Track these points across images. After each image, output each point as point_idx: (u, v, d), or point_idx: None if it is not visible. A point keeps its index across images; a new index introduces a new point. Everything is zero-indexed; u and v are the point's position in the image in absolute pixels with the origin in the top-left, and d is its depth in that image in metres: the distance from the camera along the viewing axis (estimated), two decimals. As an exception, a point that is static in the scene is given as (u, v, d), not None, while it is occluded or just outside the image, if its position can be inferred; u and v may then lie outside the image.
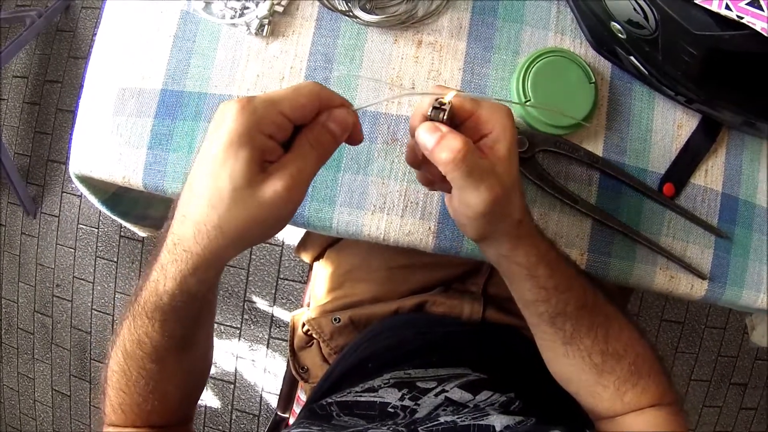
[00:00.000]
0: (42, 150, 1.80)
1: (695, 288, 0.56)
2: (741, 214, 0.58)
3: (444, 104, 0.37)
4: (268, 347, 1.65)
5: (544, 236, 0.44)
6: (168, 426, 0.48)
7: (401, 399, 0.51)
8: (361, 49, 0.54)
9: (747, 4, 0.34)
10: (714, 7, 0.35)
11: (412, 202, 0.53)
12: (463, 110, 0.38)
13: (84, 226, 1.76)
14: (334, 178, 0.53)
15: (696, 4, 0.36)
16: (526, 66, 0.52)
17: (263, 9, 0.52)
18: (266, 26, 0.54)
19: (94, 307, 1.76)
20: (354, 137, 0.40)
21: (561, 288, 0.43)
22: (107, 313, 1.75)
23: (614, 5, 0.45)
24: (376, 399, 0.51)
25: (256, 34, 0.54)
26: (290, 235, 1.62)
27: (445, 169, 0.36)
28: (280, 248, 1.63)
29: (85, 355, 1.77)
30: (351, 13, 0.52)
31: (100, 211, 1.75)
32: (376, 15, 0.53)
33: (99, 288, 1.75)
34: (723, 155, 0.58)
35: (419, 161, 0.42)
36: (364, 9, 0.52)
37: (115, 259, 1.74)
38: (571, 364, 0.46)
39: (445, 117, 0.37)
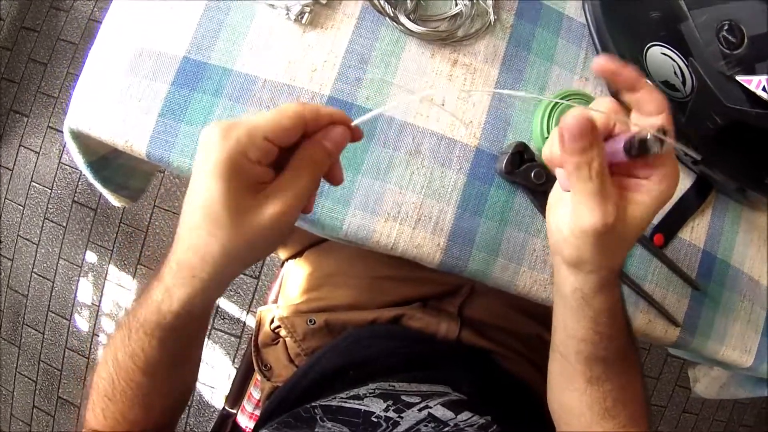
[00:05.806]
0: (6, 98, 1.69)
1: (669, 333, 0.59)
2: (716, 271, 0.61)
3: (662, 132, 0.30)
4: (209, 338, 1.60)
5: (619, 284, 0.43)
6: None
7: (386, 410, 0.50)
8: (398, 57, 0.54)
9: (782, 90, 0.37)
10: (752, 87, 0.38)
11: (425, 216, 0.53)
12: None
13: (37, 185, 1.66)
14: (353, 180, 0.53)
15: (735, 80, 0.39)
16: (552, 104, 0.54)
17: (308, -3, 0.52)
18: (307, 14, 0.53)
19: (35, 270, 1.65)
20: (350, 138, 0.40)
21: (613, 337, 0.42)
22: (48, 279, 1.65)
23: (655, 66, 0.47)
24: (361, 407, 0.50)
25: (295, 20, 0.53)
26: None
27: (575, 171, 0.33)
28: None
29: (18, 319, 1.66)
30: (396, 19, 0.52)
31: (56, 172, 1.65)
32: (419, 26, 0.53)
33: (43, 251, 1.65)
34: (709, 216, 0.61)
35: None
36: (408, 18, 0.53)
37: (65, 224, 1.64)
38: (581, 401, 0.46)
39: (638, 152, 0.31)
